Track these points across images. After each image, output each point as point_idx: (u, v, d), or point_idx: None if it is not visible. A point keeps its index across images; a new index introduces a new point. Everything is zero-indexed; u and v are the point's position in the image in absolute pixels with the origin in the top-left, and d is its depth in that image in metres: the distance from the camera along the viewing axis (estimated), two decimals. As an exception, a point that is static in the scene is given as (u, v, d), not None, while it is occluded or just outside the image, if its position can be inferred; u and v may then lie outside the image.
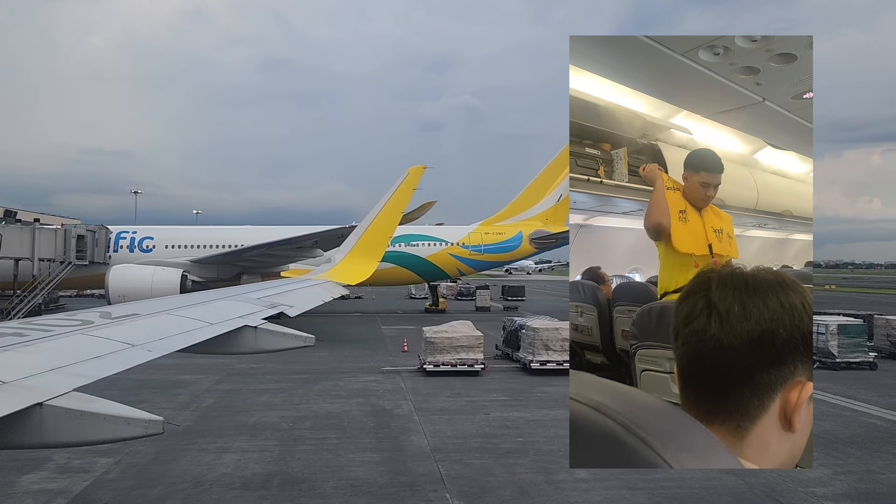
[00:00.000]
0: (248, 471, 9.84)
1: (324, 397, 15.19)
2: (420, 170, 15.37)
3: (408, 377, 17.82)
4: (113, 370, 3.58)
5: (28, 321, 4.49)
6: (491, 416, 13.51)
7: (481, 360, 18.31)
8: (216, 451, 10.82)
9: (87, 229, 33.17)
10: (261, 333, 5.36)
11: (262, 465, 10.13)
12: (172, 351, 4.37)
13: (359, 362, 20.19)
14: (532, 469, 10.04)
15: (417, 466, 10.11)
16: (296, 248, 30.70)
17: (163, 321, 5.19)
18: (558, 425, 12.61)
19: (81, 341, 4.06)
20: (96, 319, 4.70)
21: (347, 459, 10.42)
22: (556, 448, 11.07)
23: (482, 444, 11.39)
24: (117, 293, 30.54)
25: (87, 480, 9.33)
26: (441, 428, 12.43)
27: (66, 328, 4.29)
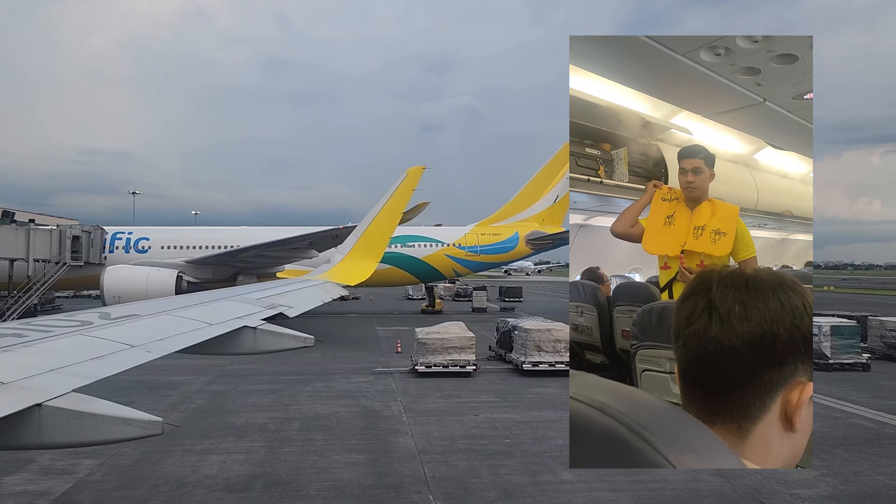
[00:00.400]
0: (232, 472, 9.81)
1: (314, 398, 15.16)
2: (419, 170, 15.40)
3: (399, 378, 17.79)
4: (112, 371, 3.58)
5: (27, 322, 4.49)
6: (480, 417, 13.48)
7: (473, 361, 18.29)
8: (202, 452, 10.79)
9: (82, 230, 33.16)
10: (260, 334, 5.38)
11: (246, 466, 10.10)
12: (172, 351, 4.36)
13: (352, 363, 20.16)
14: (517, 471, 10.00)
15: (403, 468, 10.08)
16: (291, 249, 30.69)
17: (162, 322, 5.19)
18: (547, 427, 12.59)
19: (81, 342, 4.06)
20: (95, 320, 4.70)
21: (333, 461, 10.39)
22: (544, 450, 11.05)
23: (469, 445, 11.36)
24: (112, 294, 30.51)
25: (70, 482, 9.30)
26: (429, 429, 12.40)
27: (65, 329, 4.29)
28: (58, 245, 31.98)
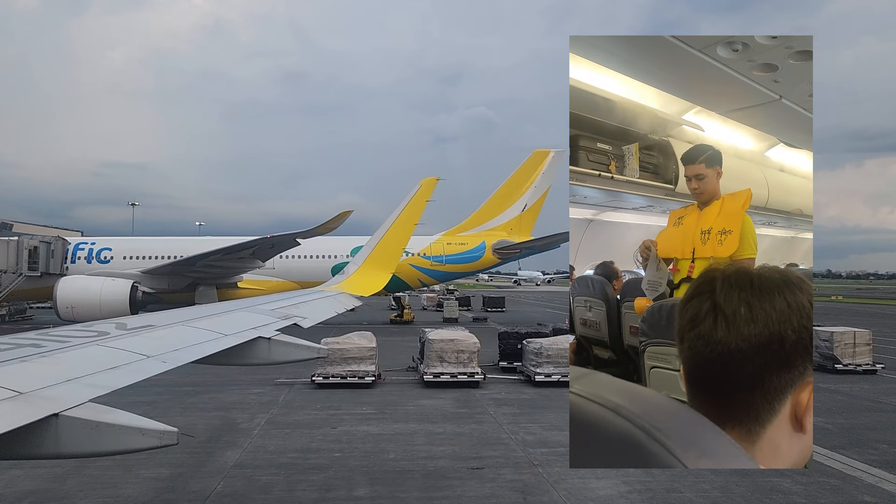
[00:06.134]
0: (17, 488, 9.49)
1: (186, 411, 14.82)
2: (433, 182, 15.28)
3: (297, 390, 17.42)
4: (128, 381, 3.64)
5: (45, 332, 4.54)
6: (337, 429, 13.05)
7: (373, 372, 17.85)
8: (6, 466, 10.47)
9: (41, 241, 33.40)
10: (274, 345, 5.43)
11: (37, 482, 9.74)
12: (187, 362, 4.38)
13: (262, 374, 19.72)
14: (314, 486, 9.57)
15: (197, 483, 9.69)
16: (237, 259, 30.54)
17: (177, 332, 5.23)
18: (396, 440, 12.15)
19: (97, 352, 4.09)
20: (112, 330, 4.74)
21: (134, 475, 10.02)
22: (363, 464, 10.62)
23: (293, 459, 10.94)
24: (65, 304, 30.65)
25: None
26: (269, 442, 12.01)
27: (82, 339, 4.33)
28: (15, 256, 32.22)
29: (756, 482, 9.62)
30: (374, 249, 14.30)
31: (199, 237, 40.20)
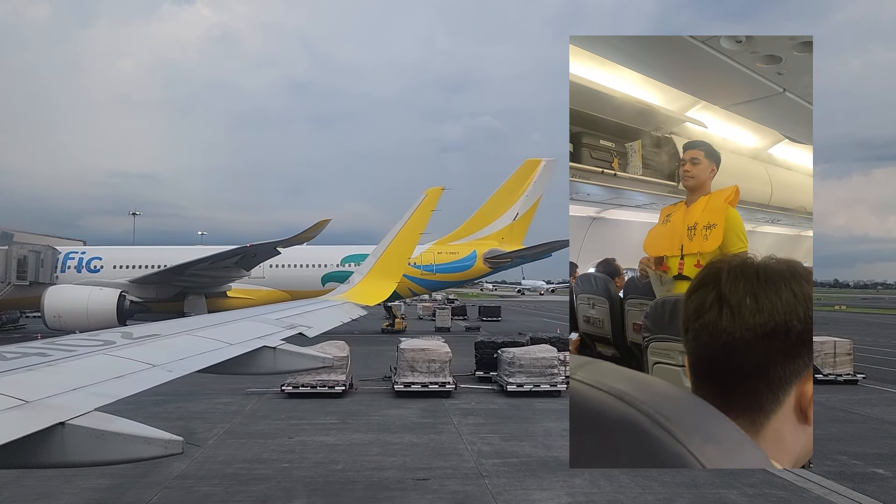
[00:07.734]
0: (-48, 497, 9.42)
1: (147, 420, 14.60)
2: (438, 191, 15.29)
3: (266, 399, 17.32)
4: (134, 390, 3.64)
5: (52, 341, 4.56)
6: (293, 439, 12.93)
7: (343, 382, 17.72)
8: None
9: (30, 250, 33.47)
10: (279, 354, 5.43)
11: (-26, 491, 9.68)
12: (192, 371, 4.38)
13: (235, 383, 19.64)
14: (252, 497, 9.49)
15: (134, 495, 9.65)
16: (222, 268, 30.49)
17: (183, 341, 5.24)
18: (350, 450, 12.01)
19: (103, 361, 4.10)
20: (118, 339, 4.77)
21: (73, 486, 9.92)
22: (308, 475, 10.51)
23: (238, 470, 10.84)
24: (53, 314, 30.66)
25: None
26: (221, 452, 11.91)
27: (88, 348, 4.35)
28: (4, 265, 32.31)
29: (702, 494, 9.45)
30: (379, 259, 14.26)
31: (187, 246, 40.00)
